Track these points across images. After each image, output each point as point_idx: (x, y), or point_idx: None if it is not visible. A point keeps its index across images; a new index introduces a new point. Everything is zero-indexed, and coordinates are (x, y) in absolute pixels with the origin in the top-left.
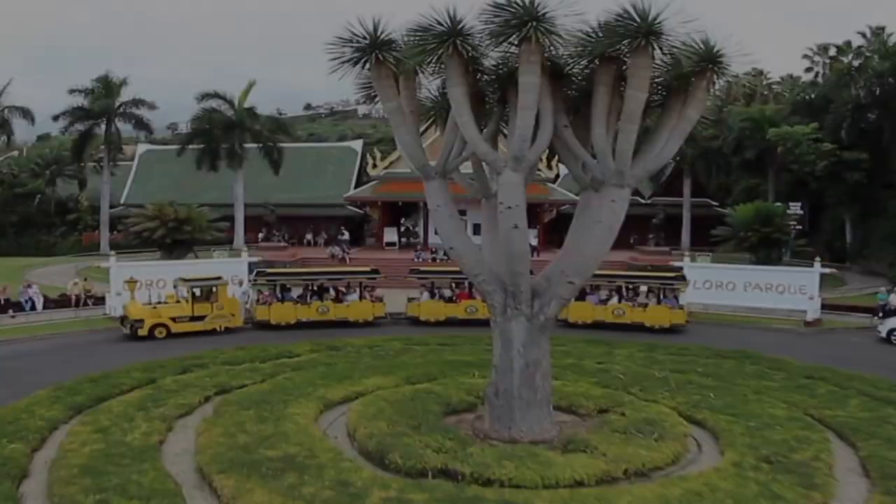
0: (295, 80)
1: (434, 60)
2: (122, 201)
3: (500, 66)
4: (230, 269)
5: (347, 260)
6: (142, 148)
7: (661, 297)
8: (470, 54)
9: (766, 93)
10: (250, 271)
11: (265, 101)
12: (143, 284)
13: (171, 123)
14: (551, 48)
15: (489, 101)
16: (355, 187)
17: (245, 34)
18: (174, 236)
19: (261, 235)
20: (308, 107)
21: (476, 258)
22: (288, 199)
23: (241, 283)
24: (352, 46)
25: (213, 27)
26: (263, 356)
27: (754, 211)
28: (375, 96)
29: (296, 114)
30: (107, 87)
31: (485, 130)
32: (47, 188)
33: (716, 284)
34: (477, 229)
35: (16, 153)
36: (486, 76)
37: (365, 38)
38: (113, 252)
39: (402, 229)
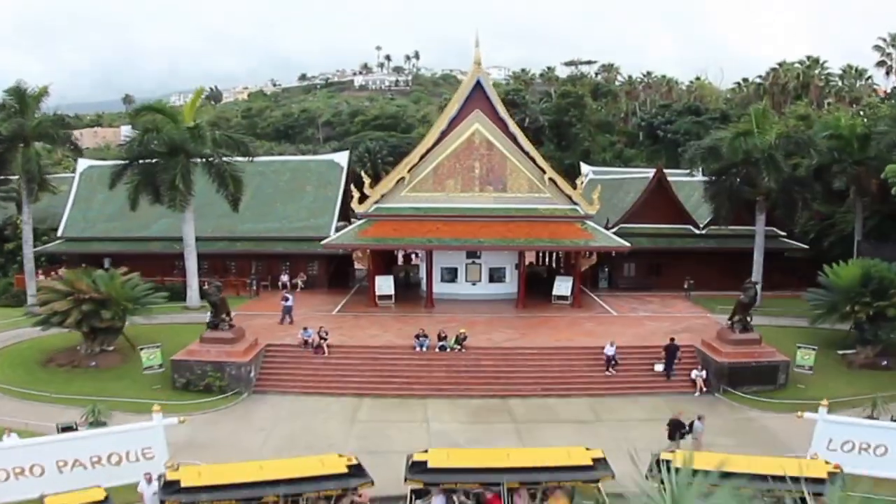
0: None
1: None
2: (59, 233)
3: None
4: (136, 440)
5: (325, 349)
6: (82, 164)
7: None
8: None
9: (868, 96)
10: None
11: (261, 71)
12: (9, 475)
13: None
14: None
15: None
16: (340, 212)
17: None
18: (91, 323)
19: (208, 317)
20: (303, 77)
21: None
22: (257, 232)
23: (149, 479)
24: None
25: None
26: None
27: (861, 273)
28: None
29: (290, 84)
30: (21, 102)
31: None
32: None
33: (860, 447)
34: (493, 275)
35: None
36: None
37: None
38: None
39: (401, 275)
